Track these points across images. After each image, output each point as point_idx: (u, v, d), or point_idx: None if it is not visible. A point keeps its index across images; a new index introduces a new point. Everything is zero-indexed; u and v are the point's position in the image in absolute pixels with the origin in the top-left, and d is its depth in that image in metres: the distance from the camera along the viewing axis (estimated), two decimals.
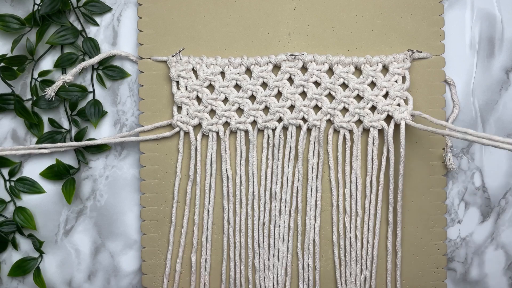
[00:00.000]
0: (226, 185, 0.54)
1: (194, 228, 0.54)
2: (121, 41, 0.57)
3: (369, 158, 0.53)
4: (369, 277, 0.54)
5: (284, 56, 0.53)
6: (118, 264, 0.57)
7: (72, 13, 0.56)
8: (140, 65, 0.55)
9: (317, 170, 0.54)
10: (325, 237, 0.54)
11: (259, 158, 0.54)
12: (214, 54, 0.54)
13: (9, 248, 0.56)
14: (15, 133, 0.56)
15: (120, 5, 0.57)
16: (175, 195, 0.54)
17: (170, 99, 0.54)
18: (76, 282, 0.57)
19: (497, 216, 0.56)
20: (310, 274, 0.54)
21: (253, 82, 0.53)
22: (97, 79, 0.56)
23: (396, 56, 0.53)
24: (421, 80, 0.54)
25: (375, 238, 0.54)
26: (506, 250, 0.56)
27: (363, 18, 0.54)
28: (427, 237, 0.54)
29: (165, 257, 0.55)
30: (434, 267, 0.54)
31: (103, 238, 0.57)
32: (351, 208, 0.54)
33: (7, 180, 0.56)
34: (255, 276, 0.54)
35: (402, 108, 0.53)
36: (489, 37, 0.56)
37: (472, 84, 0.56)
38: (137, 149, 0.56)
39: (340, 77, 0.53)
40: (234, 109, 0.53)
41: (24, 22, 0.54)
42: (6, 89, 0.56)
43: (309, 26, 0.54)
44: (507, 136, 0.56)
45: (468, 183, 0.56)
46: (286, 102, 0.53)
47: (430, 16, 0.54)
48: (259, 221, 0.54)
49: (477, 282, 0.56)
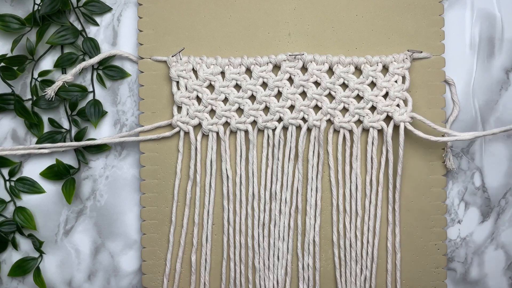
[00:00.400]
0: (226, 185, 0.54)
1: (194, 228, 0.54)
2: (121, 41, 0.57)
3: (369, 158, 0.53)
4: (369, 277, 0.54)
5: (284, 56, 0.53)
6: (118, 264, 0.57)
7: (72, 13, 0.56)
8: (140, 65, 0.55)
9: (317, 170, 0.54)
10: (325, 237, 0.54)
11: (259, 158, 0.54)
12: (214, 54, 0.54)
13: (9, 248, 0.56)
14: (15, 133, 0.57)
15: (120, 5, 0.57)
16: (175, 195, 0.54)
17: (170, 99, 0.54)
18: (76, 282, 0.57)
19: (497, 216, 0.56)
20: (310, 274, 0.54)
21: (253, 82, 0.53)
22: (97, 79, 0.56)
23: (396, 56, 0.53)
24: (421, 80, 0.54)
25: (375, 238, 0.54)
26: (506, 250, 0.56)
27: (363, 18, 0.54)
28: (427, 237, 0.54)
29: (165, 257, 0.55)
30: (434, 267, 0.54)
31: (103, 238, 0.57)
32: (351, 208, 0.54)
33: (7, 180, 0.56)
34: (255, 276, 0.54)
35: (402, 109, 0.53)
36: (489, 37, 0.56)
37: (472, 84, 0.56)
38: (137, 149, 0.56)
39: (340, 77, 0.53)
40: (234, 109, 0.53)
41: (24, 22, 0.54)
42: (6, 89, 0.56)
43: (309, 26, 0.54)
44: (506, 137, 0.56)
45: (468, 183, 0.56)
46: (286, 102, 0.53)
47: (430, 16, 0.54)
48: (259, 221, 0.54)
49: (477, 282, 0.56)
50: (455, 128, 0.56)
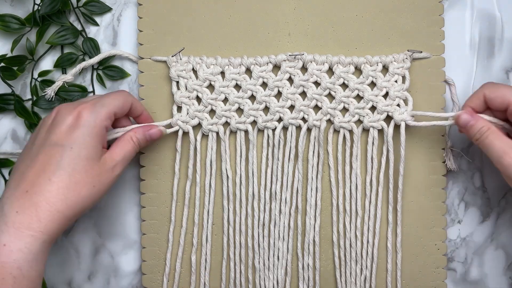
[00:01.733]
0: (226, 185, 0.54)
1: (194, 228, 0.54)
2: (121, 41, 0.57)
3: (369, 158, 0.53)
4: (369, 277, 0.54)
5: (284, 56, 0.53)
6: (118, 264, 0.57)
7: (72, 13, 0.56)
8: (140, 65, 0.55)
9: (317, 170, 0.54)
10: (325, 237, 0.54)
11: (259, 158, 0.54)
12: (214, 54, 0.54)
13: None
14: (15, 133, 0.57)
15: (120, 5, 0.57)
16: (174, 194, 0.54)
17: (170, 99, 0.54)
18: (76, 282, 0.57)
19: (497, 216, 0.56)
20: (310, 274, 0.54)
21: (253, 82, 0.53)
22: (97, 79, 0.56)
23: (396, 56, 0.53)
24: (421, 80, 0.54)
25: (375, 238, 0.54)
26: (506, 250, 0.56)
27: (363, 18, 0.54)
28: (427, 237, 0.54)
29: (165, 257, 0.55)
30: (434, 267, 0.54)
31: (103, 238, 0.57)
32: (351, 208, 0.54)
33: (7, 180, 0.56)
34: (255, 276, 0.54)
35: (402, 109, 0.53)
36: (489, 37, 0.56)
37: (472, 84, 0.56)
38: None
39: (340, 77, 0.53)
40: (234, 109, 0.53)
41: (24, 22, 0.54)
42: (6, 89, 0.56)
43: (309, 26, 0.54)
44: None
45: (468, 183, 0.56)
46: (286, 102, 0.53)
47: (430, 16, 0.54)
48: (259, 221, 0.54)
49: (477, 282, 0.56)
50: (455, 128, 0.56)
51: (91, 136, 0.45)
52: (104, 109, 0.46)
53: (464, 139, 0.56)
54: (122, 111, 0.48)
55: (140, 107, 0.51)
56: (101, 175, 0.45)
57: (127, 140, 0.48)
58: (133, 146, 0.48)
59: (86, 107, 0.45)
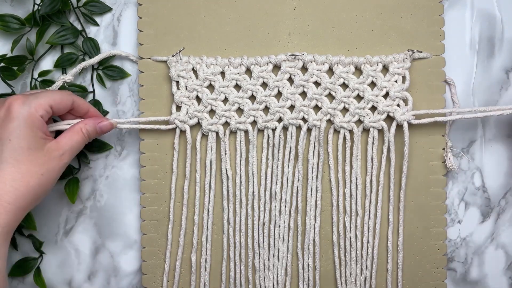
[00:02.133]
0: (226, 185, 0.54)
1: (194, 228, 0.54)
2: (121, 41, 0.57)
3: (369, 158, 0.53)
4: (369, 277, 0.54)
5: (284, 56, 0.53)
6: (118, 264, 0.57)
7: (72, 13, 0.56)
8: (140, 65, 0.55)
9: (317, 170, 0.54)
10: (325, 237, 0.54)
11: (259, 158, 0.54)
12: (214, 54, 0.54)
13: (10, 248, 0.56)
14: None
15: (120, 5, 0.57)
16: (172, 193, 0.54)
17: (170, 99, 0.54)
18: (76, 282, 0.57)
19: (497, 216, 0.56)
20: (310, 274, 0.54)
21: (253, 82, 0.53)
22: (97, 79, 0.56)
23: (396, 56, 0.53)
24: (421, 80, 0.54)
25: (375, 238, 0.54)
26: (506, 250, 0.56)
27: (363, 18, 0.54)
28: (427, 237, 0.54)
29: (164, 256, 0.55)
30: (434, 267, 0.54)
31: (103, 238, 0.57)
32: (351, 208, 0.54)
33: None
34: (255, 276, 0.54)
35: (402, 109, 0.53)
36: (489, 37, 0.56)
37: (472, 84, 0.56)
38: (137, 149, 0.56)
39: (340, 77, 0.53)
40: (234, 109, 0.53)
41: (24, 22, 0.54)
42: (6, 89, 0.56)
43: (309, 26, 0.54)
44: (506, 137, 0.56)
45: (468, 183, 0.56)
46: (286, 102, 0.53)
47: (430, 16, 0.54)
48: (259, 221, 0.54)
49: (477, 282, 0.56)
50: (455, 128, 0.56)
51: (26, 127, 0.45)
52: (38, 100, 0.46)
53: (464, 139, 0.56)
54: (61, 106, 0.48)
55: (85, 105, 0.51)
56: (48, 163, 0.46)
57: (76, 131, 0.49)
58: (82, 136, 0.49)
59: (17, 99, 0.46)
